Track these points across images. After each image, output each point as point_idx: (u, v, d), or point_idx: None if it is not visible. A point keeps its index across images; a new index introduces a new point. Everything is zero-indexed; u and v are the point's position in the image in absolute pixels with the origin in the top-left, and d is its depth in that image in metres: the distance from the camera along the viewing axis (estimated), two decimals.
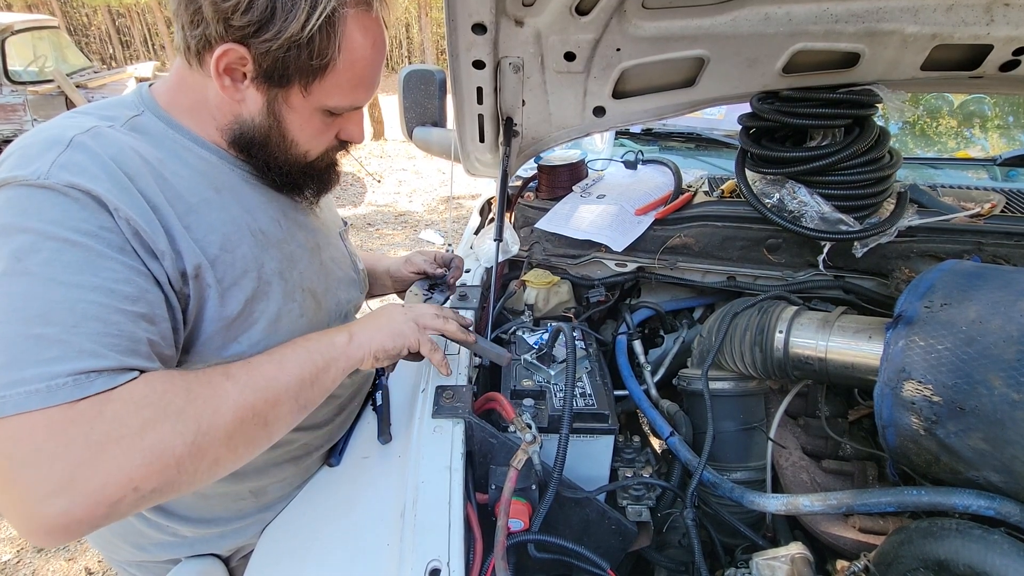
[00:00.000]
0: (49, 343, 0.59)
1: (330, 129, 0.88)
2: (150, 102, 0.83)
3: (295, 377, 0.77)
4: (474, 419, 0.98)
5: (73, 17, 18.59)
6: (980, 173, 1.95)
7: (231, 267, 0.79)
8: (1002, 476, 0.79)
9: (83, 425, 0.59)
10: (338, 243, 1.08)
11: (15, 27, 5.61)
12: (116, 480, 0.59)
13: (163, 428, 0.62)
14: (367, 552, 0.85)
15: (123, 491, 0.59)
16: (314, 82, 0.78)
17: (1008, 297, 0.84)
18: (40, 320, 0.60)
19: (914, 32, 1.06)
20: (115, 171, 0.69)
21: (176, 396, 0.65)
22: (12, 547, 2.38)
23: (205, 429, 0.65)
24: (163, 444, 0.62)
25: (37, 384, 0.58)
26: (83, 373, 0.60)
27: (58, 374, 0.59)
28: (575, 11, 1.09)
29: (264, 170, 0.87)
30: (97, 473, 0.58)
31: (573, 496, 0.97)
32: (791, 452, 1.21)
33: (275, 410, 0.74)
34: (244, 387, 0.71)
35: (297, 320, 0.89)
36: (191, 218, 0.76)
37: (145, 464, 0.60)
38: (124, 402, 0.61)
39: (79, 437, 0.58)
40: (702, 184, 1.64)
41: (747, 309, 1.20)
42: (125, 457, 0.59)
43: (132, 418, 0.61)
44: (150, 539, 0.94)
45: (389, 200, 6.97)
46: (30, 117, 5.50)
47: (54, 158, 0.67)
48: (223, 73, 0.76)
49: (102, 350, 0.62)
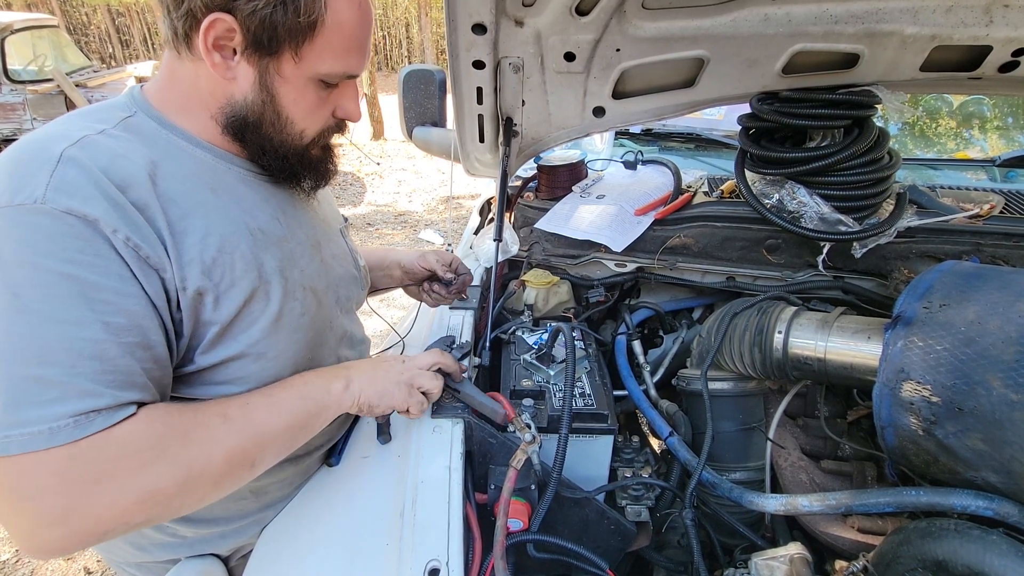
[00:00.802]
0: (49, 385, 0.62)
1: (325, 105, 0.86)
2: (142, 102, 0.82)
3: (287, 424, 0.80)
4: (473, 419, 0.98)
5: (73, 16, 18.57)
6: (979, 174, 1.95)
7: (230, 269, 0.79)
8: (1000, 476, 0.79)
9: (83, 465, 0.63)
10: (339, 240, 1.08)
11: (15, 26, 5.60)
12: (110, 515, 0.64)
13: (158, 470, 0.67)
14: (366, 552, 0.85)
15: (115, 524, 0.65)
16: (304, 44, 0.77)
17: (1007, 298, 0.84)
18: (39, 361, 0.62)
19: (913, 33, 1.06)
20: (107, 186, 0.69)
21: (173, 440, 0.69)
22: (11, 547, 2.38)
23: (197, 473, 0.70)
24: (156, 486, 0.67)
25: (39, 426, 0.61)
26: (83, 414, 0.63)
27: (59, 416, 0.62)
28: (575, 11, 1.09)
29: (259, 155, 0.86)
30: (93, 509, 0.63)
31: (572, 496, 0.98)
32: (790, 452, 1.21)
33: (263, 453, 0.78)
34: (238, 432, 0.74)
35: (299, 318, 0.88)
36: (187, 222, 0.75)
37: (137, 503, 0.66)
38: (123, 445, 0.65)
39: (78, 477, 0.62)
40: (701, 184, 1.64)
41: (746, 309, 1.20)
42: (121, 495, 0.64)
43: (130, 460, 0.65)
44: (150, 540, 0.94)
45: (389, 200, 6.97)
46: (29, 116, 5.50)
47: (47, 180, 0.66)
48: (212, 48, 0.75)
49: (100, 388, 0.64)
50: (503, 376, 1.21)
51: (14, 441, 0.60)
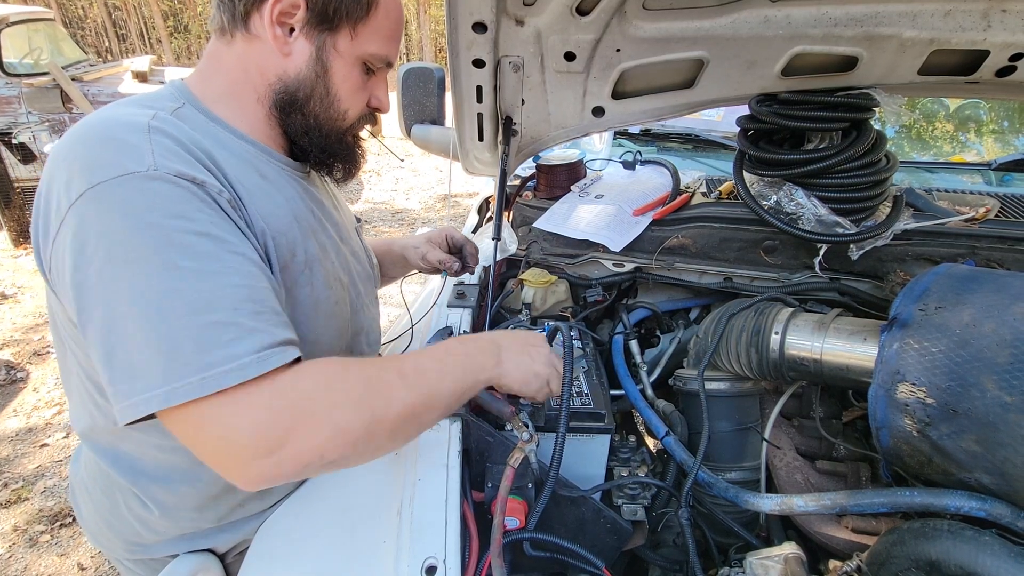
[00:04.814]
0: (224, 327, 0.65)
1: (365, 90, 0.92)
2: (187, 94, 0.85)
3: (451, 390, 0.83)
4: (471, 417, 0.98)
5: (69, 9, 18.44)
6: (975, 177, 1.96)
7: (285, 248, 0.83)
8: (994, 478, 0.79)
9: (283, 398, 0.67)
10: (356, 238, 1.12)
11: (10, 19, 5.55)
12: (310, 448, 0.67)
13: (347, 411, 0.70)
14: (363, 549, 0.85)
15: (313, 457, 0.68)
16: (360, 22, 0.84)
17: (1002, 301, 0.85)
18: (207, 309, 0.65)
19: (912, 37, 1.07)
20: (198, 153, 0.74)
21: (357, 384, 0.72)
22: (4, 542, 2.37)
23: (379, 418, 0.73)
24: (346, 424, 0.70)
25: (228, 364, 0.64)
26: (262, 351, 0.66)
27: (242, 353, 0.65)
28: (576, 11, 1.09)
29: (302, 135, 0.90)
30: (296, 441, 0.66)
31: (569, 495, 0.98)
32: (785, 452, 1.22)
33: (430, 413, 0.80)
34: (412, 389, 0.77)
35: (333, 306, 0.92)
36: (251, 200, 0.79)
37: (331, 438, 0.69)
38: (314, 381, 0.70)
39: (279, 408, 0.66)
40: (700, 185, 1.64)
41: (743, 310, 1.20)
42: (318, 431, 0.68)
43: (322, 397, 0.69)
44: (148, 536, 0.94)
45: (386, 197, 6.96)
46: (24, 110, 5.45)
47: (150, 147, 0.69)
48: (275, 22, 0.80)
49: (266, 327, 0.68)
50: None
51: (210, 380, 0.63)
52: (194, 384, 0.63)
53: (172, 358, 0.63)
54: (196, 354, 0.63)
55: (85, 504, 1.02)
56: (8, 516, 2.51)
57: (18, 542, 2.38)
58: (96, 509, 0.99)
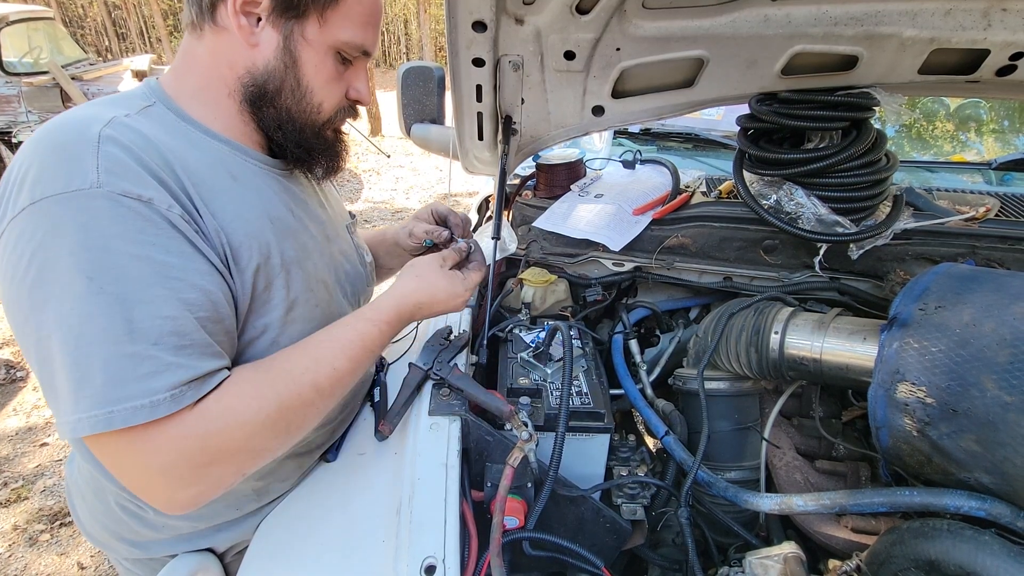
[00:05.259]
0: (140, 360, 0.65)
1: (341, 81, 0.89)
2: (160, 92, 0.83)
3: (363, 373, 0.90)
4: (471, 416, 0.98)
5: (69, 8, 18.43)
6: (975, 177, 1.96)
7: (257, 252, 0.80)
8: (993, 477, 0.79)
9: (196, 438, 0.68)
10: (346, 236, 1.09)
11: (10, 18, 5.55)
12: (230, 474, 0.72)
13: (263, 437, 0.74)
14: (363, 548, 0.85)
15: (235, 479, 0.73)
16: (329, 8, 0.80)
17: (1001, 300, 0.85)
18: (126, 339, 0.64)
19: (912, 36, 1.06)
20: (149, 164, 0.71)
21: (271, 405, 0.75)
22: (4, 541, 2.37)
23: (294, 433, 0.79)
24: (263, 447, 0.74)
25: (140, 400, 0.64)
26: (178, 387, 0.66)
27: (157, 389, 0.65)
28: (575, 10, 1.09)
29: (276, 130, 0.87)
30: (214, 474, 0.70)
31: (568, 494, 0.98)
32: (785, 452, 1.22)
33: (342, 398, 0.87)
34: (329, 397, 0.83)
35: (312, 309, 0.90)
36: (215, 204, 0.77)
37: (249, 461, 0.74)
38: (231, 412, 0.71)
39: (197, 450, 0.68)
40: (700, 184, 1.64)
41: (743, 310, 1.20)
42: (235, 460, 0.72)
43: (236, 432, 0.71)
44: (147, 537, 0.94)
45: (386, 197, 6.95)
46: (24, 109, 5.45)
47: (95, 162, 0.67)
48: (240, 11, 0.78)
49: (188, 360, 0.68)
50: (500, 374, 1.21)
51: (116, 416, 0.63)
52: (99, 417, 0.63)
53: (80, 387, 0.63)
54: (105, 386, 0.63)
55: (80, 505, 1.01)
56: (8, 515, 2.51)
57: (18, 541, 2.38)
58: (90, 511, 0.98)
